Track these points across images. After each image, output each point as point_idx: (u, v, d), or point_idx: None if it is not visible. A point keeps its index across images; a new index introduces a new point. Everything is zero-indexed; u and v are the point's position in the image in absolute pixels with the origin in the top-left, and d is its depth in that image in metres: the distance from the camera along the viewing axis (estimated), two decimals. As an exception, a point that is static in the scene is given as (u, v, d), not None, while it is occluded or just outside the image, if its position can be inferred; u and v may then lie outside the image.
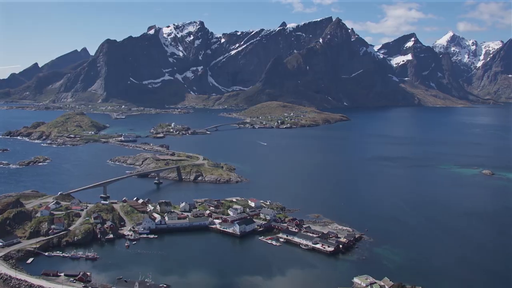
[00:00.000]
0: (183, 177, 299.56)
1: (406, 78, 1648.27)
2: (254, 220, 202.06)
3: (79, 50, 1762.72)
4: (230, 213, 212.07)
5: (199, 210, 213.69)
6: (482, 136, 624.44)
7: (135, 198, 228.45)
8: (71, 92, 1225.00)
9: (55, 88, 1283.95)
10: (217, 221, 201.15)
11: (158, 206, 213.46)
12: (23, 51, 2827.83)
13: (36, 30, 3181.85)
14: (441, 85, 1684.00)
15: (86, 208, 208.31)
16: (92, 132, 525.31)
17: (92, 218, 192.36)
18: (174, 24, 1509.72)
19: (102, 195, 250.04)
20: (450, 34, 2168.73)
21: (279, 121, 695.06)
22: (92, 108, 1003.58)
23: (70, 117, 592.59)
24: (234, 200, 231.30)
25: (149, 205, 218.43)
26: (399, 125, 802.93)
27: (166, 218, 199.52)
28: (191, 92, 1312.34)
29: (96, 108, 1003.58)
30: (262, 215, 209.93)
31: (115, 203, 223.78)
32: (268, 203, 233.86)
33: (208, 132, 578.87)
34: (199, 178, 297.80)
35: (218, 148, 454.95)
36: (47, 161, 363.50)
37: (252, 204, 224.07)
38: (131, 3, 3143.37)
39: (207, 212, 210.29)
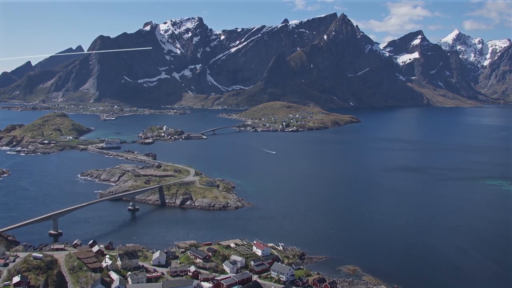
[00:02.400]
0: (166, 201, 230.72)
1: (413, 77, 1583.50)
2: (263, 282, 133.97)
3: (74, 48, 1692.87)
4: (227, 268, 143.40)
5: (180, 265, 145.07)
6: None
7: (91, 242, 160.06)
8: (62, 91, 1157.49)
9: (46, 88, 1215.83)
10: (206, 285, 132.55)
11: (118, 259, 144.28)
12: (19, 50, 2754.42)
13: (32, 28, 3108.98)
14: (449, 84, 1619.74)
15: (14, 261, 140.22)
16: (70, 137, 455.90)
17: (13, 284, 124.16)
18: (171, 21, 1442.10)
19: (52, 232, 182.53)
20: (456, 32, 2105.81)
21: (284, 124, 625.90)
22: (82, 109, 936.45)
23: (48, 119, 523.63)
24: (232, 245, 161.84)
25: (107, 256, 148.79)
26: (414, 128, 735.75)
27: (129, 281, 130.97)
28: (188, 91, 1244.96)
29: (87, 109, 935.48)
30: (273, 274, 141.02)
31: (62, 249, 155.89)
32: (281, 247, 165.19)
33: (204, 137, 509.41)
34: (187, 203, 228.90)
35: (214, 157, 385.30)
36: (4, 175, 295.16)
37: (259, 252, 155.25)
38: (130, 2, 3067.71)
39: (192, 269, 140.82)
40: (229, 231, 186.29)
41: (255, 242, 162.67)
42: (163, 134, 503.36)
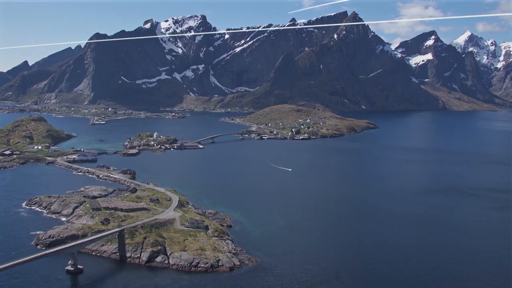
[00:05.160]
0: (128, 255, 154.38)
1: (427, 80, 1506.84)
2: None
3: (73, 48, 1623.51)
4: None
5: None
6: None
7: None
8: (55, 92, 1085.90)
9: (39, 88, 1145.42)
10: None
11: None
12: (16, 50, 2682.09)
13: (29, 28, 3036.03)
14: (464, 87, 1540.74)
15: None
16: (39, 147, 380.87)
17: None
18: (173, 18, 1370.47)
19: None
20: (468, 33, 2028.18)
21: (293, 130, 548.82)
22: (73, 111, 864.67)
23: (20, 124, 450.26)
24: None
25: None
26: (439, 135, 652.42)
27: None
28: (190, 93, 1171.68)
29: (78, 111, 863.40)
30: None
31: None
32: None
33: (201, 146, 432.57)
34: (158, 259, 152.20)
35: (209, 176, 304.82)
36: None
37: None
38: (131, 2, 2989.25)
39: None
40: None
41: None
42: (152, 142, 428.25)
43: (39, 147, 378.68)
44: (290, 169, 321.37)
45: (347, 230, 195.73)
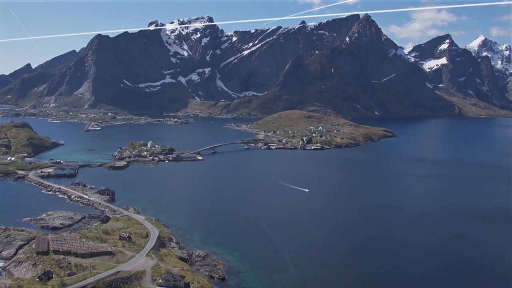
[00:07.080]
0: None
1: (441, 85, 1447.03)
2: None
3: (77, 50, 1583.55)
4: None
5: None
6: None
7: None
8: (55, 96, 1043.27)
9: (39, 92, 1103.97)
10: None
11: None
12: (19, 52, 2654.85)
13: (33, 30, 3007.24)
14: (480, 92, 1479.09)
15: None
16: (12, 158, 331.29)
17: None
18: (178, 20, 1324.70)
19: None
20: (482, 38, 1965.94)
21: (304, 139, 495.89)
22: (71, 116, 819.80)
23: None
24: None
25: None
26: (464, 144, 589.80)
27: None
28: (196, 97, 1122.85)
29: (76, 116, 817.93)
30: None
31: None
32: None
33: (200, 157, 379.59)
34: None
35: (204, 197, 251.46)
36: None
37: None
38: (136, 2, 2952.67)
39: None
40: None
41: None
42: (145, 153, 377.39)
43: (13, 158, 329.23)
44: (306, 190, 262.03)
45: (379, 283, 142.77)
